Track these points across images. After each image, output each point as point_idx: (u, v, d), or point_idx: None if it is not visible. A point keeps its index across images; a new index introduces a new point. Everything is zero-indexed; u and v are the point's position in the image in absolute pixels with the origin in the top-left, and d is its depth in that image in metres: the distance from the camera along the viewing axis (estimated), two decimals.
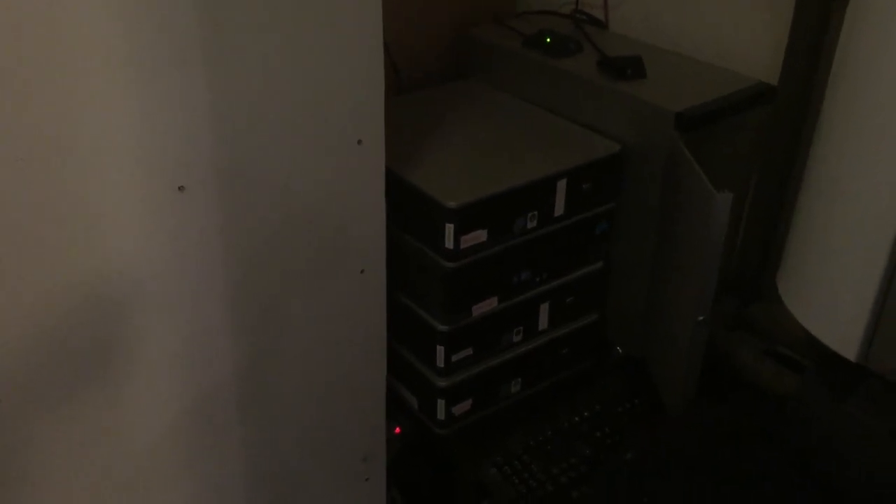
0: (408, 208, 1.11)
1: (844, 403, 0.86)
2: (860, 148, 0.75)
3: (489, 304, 1.15)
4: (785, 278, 0.88)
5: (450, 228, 1.05)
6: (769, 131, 1.15)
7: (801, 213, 0.85)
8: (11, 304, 0.80)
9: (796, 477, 0.90)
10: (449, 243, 1.06)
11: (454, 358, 1.16)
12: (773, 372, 1.11)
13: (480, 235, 1.08)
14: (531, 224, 1.13)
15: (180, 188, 0.86)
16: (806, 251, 0.83)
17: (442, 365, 1.16)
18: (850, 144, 0.76)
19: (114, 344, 0.88)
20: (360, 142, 0.98)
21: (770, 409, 1.01)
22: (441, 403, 1.19)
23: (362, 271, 1.06)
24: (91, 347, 0.87)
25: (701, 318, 1.04)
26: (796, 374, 1.08)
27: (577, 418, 1.24)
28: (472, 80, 1.41)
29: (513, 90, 1.35)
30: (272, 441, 1.08)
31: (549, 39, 1.32)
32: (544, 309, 1.23)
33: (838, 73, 0.80)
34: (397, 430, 1.40)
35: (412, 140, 1.19)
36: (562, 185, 1.13)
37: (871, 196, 0.74)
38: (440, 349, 1.15)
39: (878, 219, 0.73)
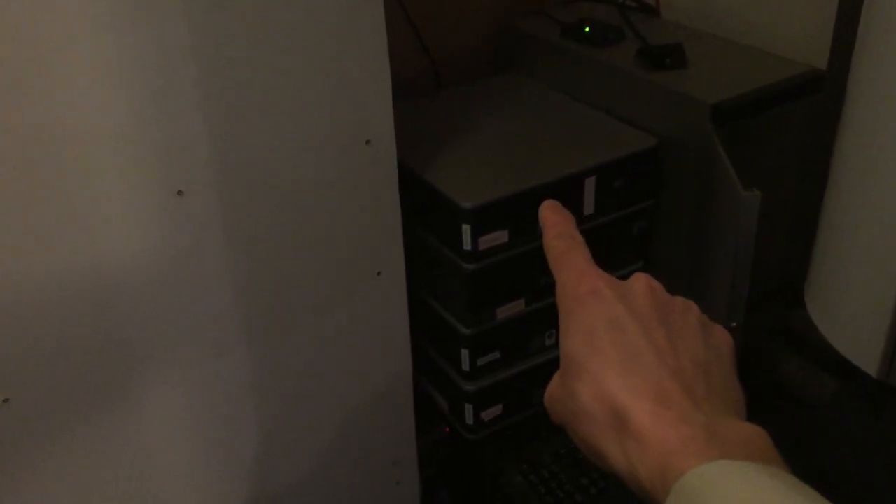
0: (428, 208, 1.08)
1: (876, 420, 0.79)
2: (885, 151, 0.68)
3: (515, 307, 1.11)
4: (810, 287, 0.80)
5: (467, 229, 1.02)
6: (815, 123, 1.06)
7: (825, 218, 0.77)
8: (13, 311, 0.81)
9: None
10: (467, 245, 1.03)
11: (480, 362, 1.13)
12: (818, 382, 1.03)
13: (501, 236, 1.04)
14: None
15: (179, 192, 0.86)
16: (829, 259, 0.76)
17: (467, 369, 1.13)
18: (873, 148, 0.69)
19: (117, 355, 0.89)
20: (368, 142, 0.96)
21: (805, 421, 0.94)
22: (469, 408, 1.16)
23: (379, 273, 1.04)
24: (94, 359, 0.87)
25: (733, 324, 0.98)
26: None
27: None
28: (513, 74, 1.37)
29: (552, 83, 1.30)
30: (295, 447, 1.08)
31: (588, 28, 1.26)
32: None
33: (861, 63, 0.72)
34: (447, 429, 1.38)
35: (440, 137, 1.16)
36: (590, 182, 1.08)
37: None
38: (465, 352, 1.12)
39: None
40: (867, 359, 0.71)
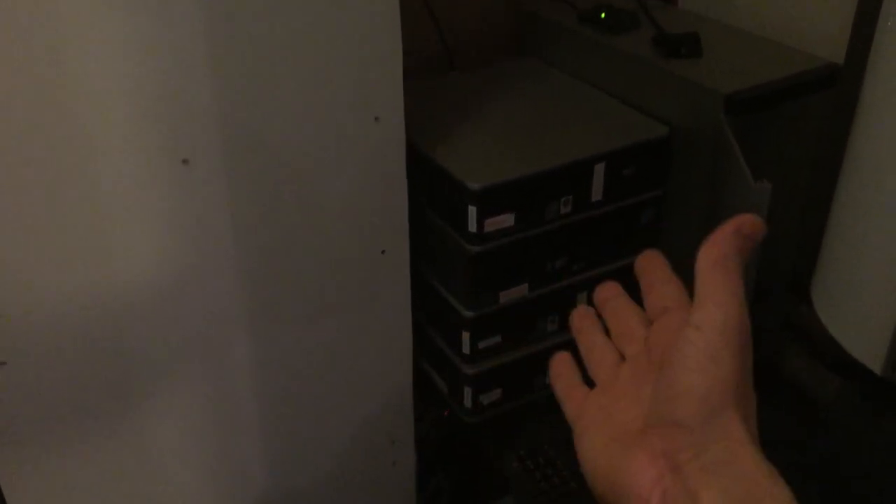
0: (435, 188, 1.08)
1: (880, 417, 0.78)
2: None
3: (519, 291, 1.11)
4: (817, 283, 0.80)
5: (473, 211, 1.01)
6: (830, 117, 1.05)
7: (835, 214, 0.76)
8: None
9: (816, 488, 0.82)
10: (472, 226, 1.02)
11: (481, 345, 1.12)
12: (822, 379, 1.02)
13: (507, 219, 1.04)
14: (565, 209, 1.07)
15: (184, 161, 0.85)
16: (836, 256, 0.75)
17: (468, 352, 1.12)
18: (885, 146, 0.68)
19: (119, 331, 0.89)
20: (377, 119, 0.95)
21: (806, 416, 0.93)
22: (468, 391, 1.16)
23: (383, 252, 1.03)
24: (98, 336, 0.87)
25: None
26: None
27: None
28: (527, 58, 1.36)
29: (566, 68, 1.29)
30: (295, 424, 1.07)
31: (603, 14, 1.25)
32: (583, 299, 1.18)
33: (878, 60, 0.71)
34: (447, 412, 1.38)
35: (451, 118, 1.15)
36: (599, 168, 1.07)
37: None
38: (465, 335, 1.11)
39: None
40: (872, 356, 0.70)
